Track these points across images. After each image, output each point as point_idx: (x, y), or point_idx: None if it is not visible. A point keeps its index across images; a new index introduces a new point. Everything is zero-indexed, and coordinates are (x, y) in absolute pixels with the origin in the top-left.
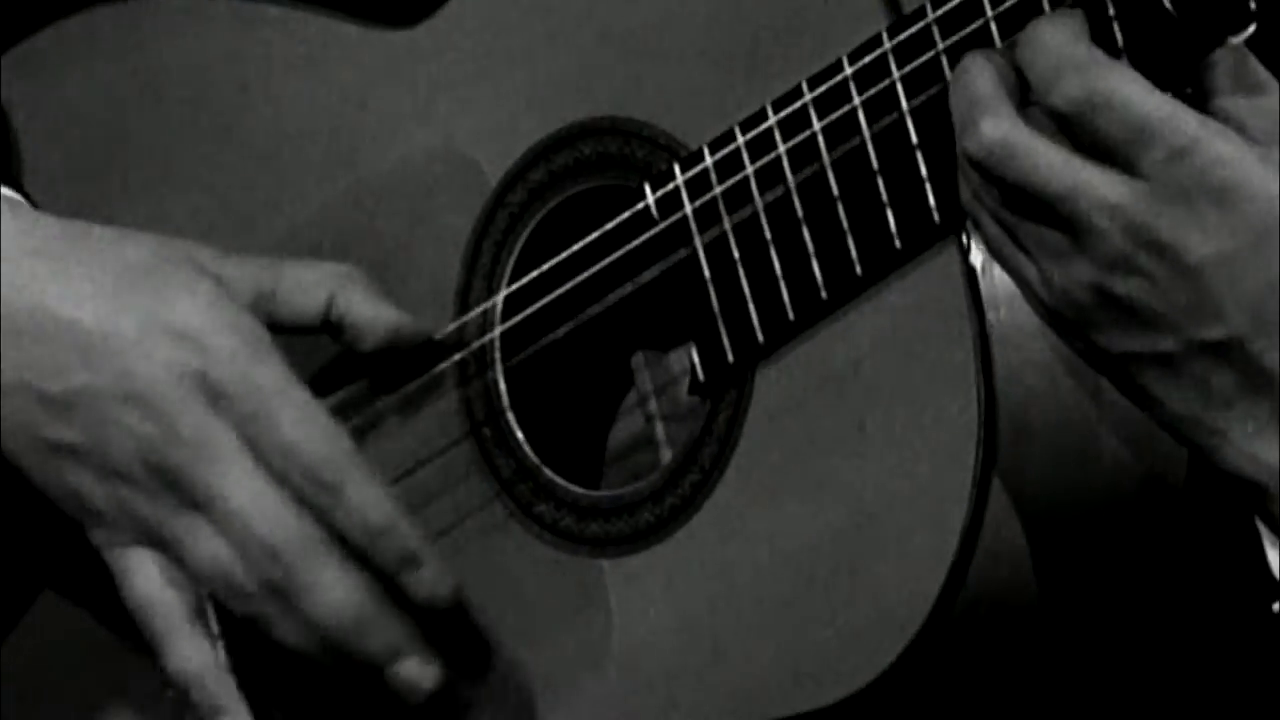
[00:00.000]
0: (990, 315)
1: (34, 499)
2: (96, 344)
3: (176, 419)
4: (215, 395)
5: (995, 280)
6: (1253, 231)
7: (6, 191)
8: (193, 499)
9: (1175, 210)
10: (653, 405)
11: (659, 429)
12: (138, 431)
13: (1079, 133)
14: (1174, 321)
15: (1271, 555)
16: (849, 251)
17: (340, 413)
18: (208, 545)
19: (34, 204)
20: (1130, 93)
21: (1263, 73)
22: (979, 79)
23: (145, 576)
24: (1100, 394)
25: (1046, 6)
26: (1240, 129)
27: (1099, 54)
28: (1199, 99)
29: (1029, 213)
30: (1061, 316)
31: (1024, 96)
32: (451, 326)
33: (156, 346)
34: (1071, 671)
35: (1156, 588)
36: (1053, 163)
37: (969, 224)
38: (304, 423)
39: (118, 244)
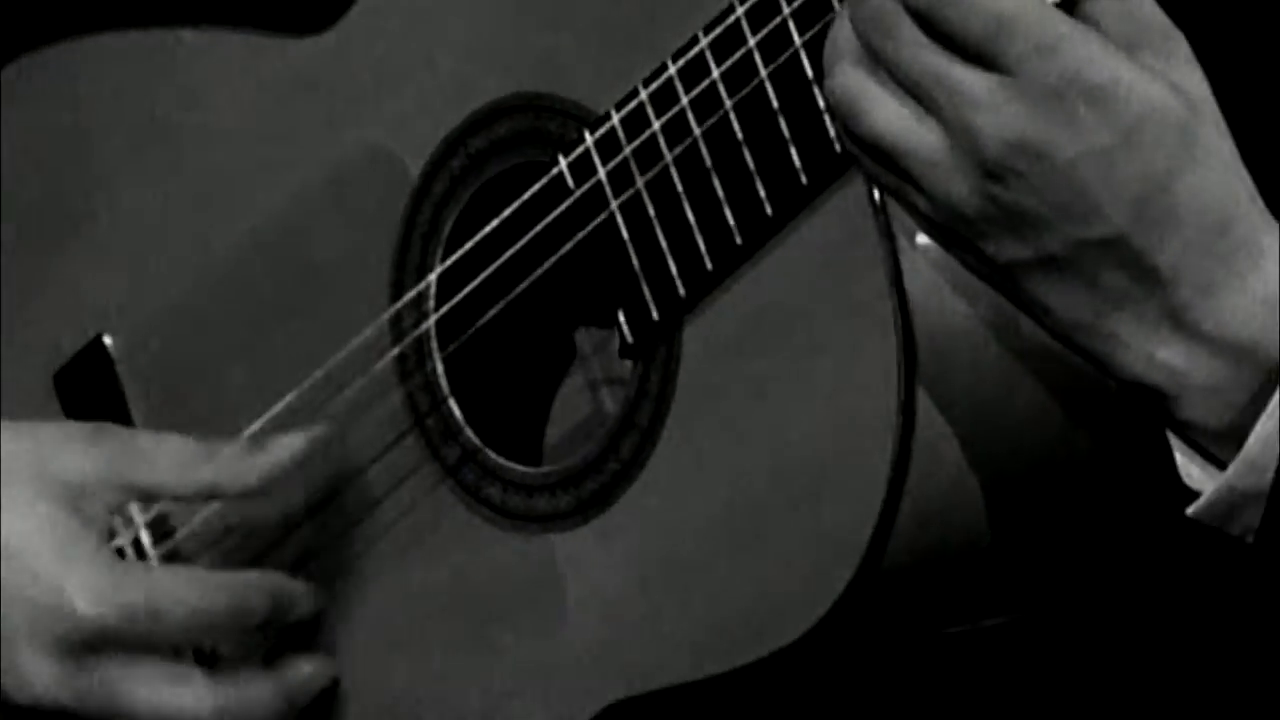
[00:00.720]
0: (901, 240)
1: None
2: None
3: (30, 668)
4: (80, 646)
5: None
6: (1126, 127)
7: None
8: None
9: (1046, 108)
10: (597, 373)
11: (605, 397)
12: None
13: (939, 31)
14: (1055, 222)
15: (1180, 460)
16: (758, 193)
17: (288, 421)
18: None
19: None
20: None
21: None
22: None
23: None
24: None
25: None
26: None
27: None
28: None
29: (905, 105)
30: (948, 230)
31: None
32: (385, 317)
33: (17, 595)
34: (1014, 584)
35: (1087, 498)
36: (924, 56)
37: None
38: (192, 617)
39: None
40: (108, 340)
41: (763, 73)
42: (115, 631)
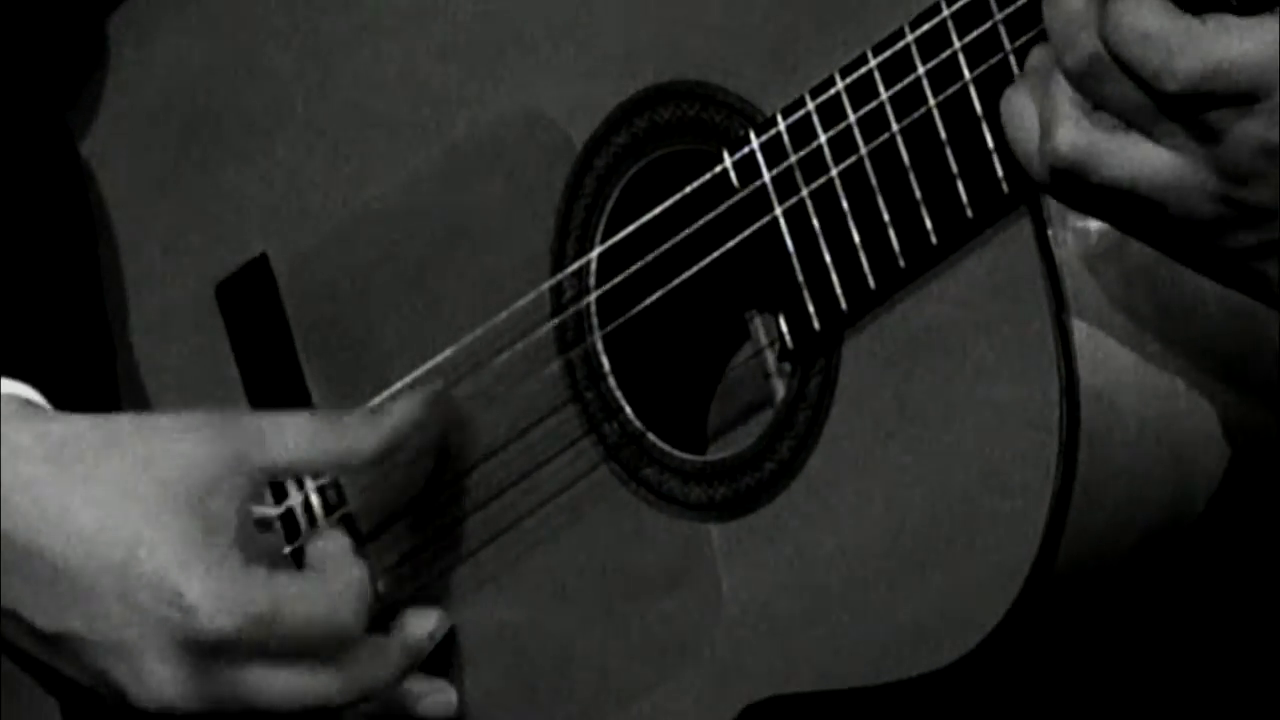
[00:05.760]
0: (1066, 281)
1: None
2: (86, 594)
3: (156, 675)
4: (204, 653)
5: (1069, 246)
6: None
7: (11, 389)
8: None
9: None
10: (770, 363)
11: (777, 386)
12: (119, 680)
13: (1202, 107)
14: None
15: None
16: (923, 221)
17: (441, 377)
18: None
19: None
20: (1237, 48)
21: None
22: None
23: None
24: (1185, 350)
25: None
26: None
27: (1192, 22)
28: None
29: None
30: (1185, 239)
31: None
32: (547, 285)
33: (140, 604)
34: (1171, 634)
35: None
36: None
37: (1044, 196)
38: (320, 630)
39: (107, 470)
40: (272, 257)
41: (931, 103)
42: (237, 638)
